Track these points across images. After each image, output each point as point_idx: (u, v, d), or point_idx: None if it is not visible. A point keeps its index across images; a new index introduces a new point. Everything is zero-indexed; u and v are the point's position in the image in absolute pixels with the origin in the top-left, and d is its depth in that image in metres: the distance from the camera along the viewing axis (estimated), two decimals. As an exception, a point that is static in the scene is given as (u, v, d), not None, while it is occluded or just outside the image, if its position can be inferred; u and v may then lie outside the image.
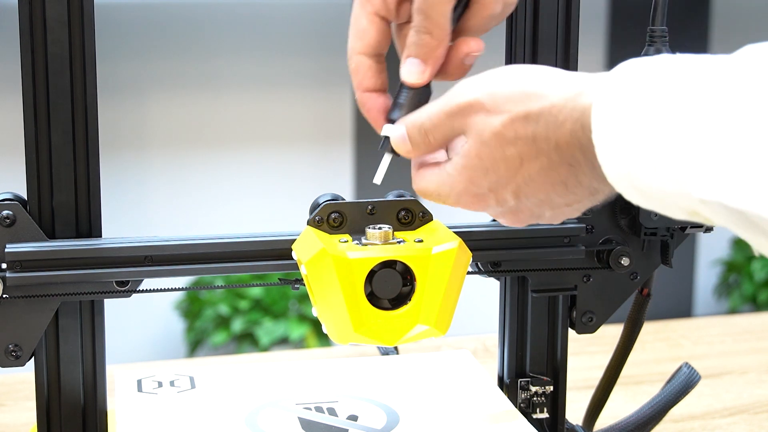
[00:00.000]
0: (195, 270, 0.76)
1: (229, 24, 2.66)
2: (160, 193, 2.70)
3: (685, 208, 0.55)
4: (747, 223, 0.52)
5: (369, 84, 0.71)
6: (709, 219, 0.55)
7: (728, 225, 0.54)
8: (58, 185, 0.75)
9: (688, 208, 0.55)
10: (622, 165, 0.56)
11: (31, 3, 0.73)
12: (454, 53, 0.70)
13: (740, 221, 0.53)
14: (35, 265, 0.74)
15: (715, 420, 1.03)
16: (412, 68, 0.69)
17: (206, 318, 2.57)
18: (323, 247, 0.69)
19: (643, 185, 0.56)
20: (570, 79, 0.61)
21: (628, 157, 0.56)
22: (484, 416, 0.80)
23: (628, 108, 0.56)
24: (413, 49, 0.68)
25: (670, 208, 0.57)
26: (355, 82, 0.71)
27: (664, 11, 0.78)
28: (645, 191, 0.56)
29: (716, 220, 0.55)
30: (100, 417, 0.78)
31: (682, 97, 0.54)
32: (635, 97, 0.56)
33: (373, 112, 0.71)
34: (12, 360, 0.75)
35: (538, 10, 0.79)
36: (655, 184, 0.55)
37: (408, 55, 0.69)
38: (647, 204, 0.57)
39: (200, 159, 2.71)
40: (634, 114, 0.55)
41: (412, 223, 0.75)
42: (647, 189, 0.56)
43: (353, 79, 0.71)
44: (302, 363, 0.91)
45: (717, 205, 0.53)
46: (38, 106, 0.74)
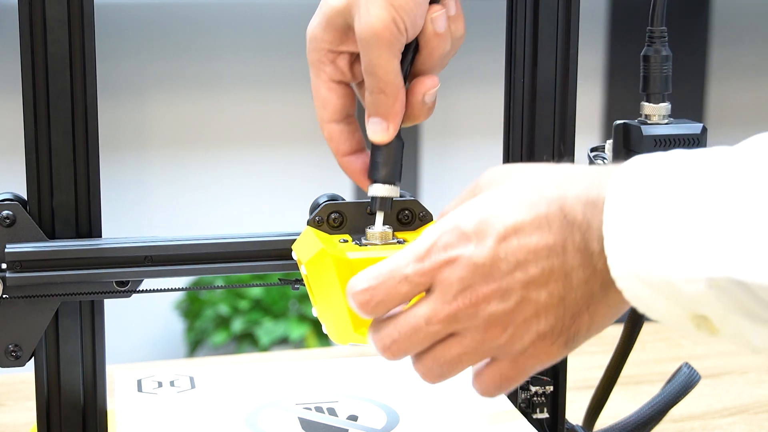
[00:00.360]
0: (195, 270, 0.76)
1: (230, 24, 2.66)
2: (159, 193, 2.70)
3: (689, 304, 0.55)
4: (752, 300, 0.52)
5: (346, 148, 0.73)
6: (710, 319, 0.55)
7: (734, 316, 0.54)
8: (58, 185, 0.75)
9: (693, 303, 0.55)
10: (630, 254, 0.56)
11: (31, 3, 0.73)
12: (412, 97, 0.71)
13: (746, 302, 0.53)
14: (35, 266, 0.74)
15: (715, 420, 1.03)
16: (375, 128, 0.70)
17: (206, 318, 2.56)
18: (323, 247, 0.69)
19: (650, 274, 0.55)
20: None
21: (637, 245, 0.55)
22: (484, 416, 0.80)
23: (640, 199, 0.56)
24: (372, 109, 0.70)
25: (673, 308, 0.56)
26: (332, 149, 0.73)
27: (663, 11, 0.78)
28: (650, 281, 0.55)
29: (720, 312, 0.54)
30: (100, 417, 0.78)
31: (693, 187, 0.54)
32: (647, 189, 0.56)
33: (357, 174, 0.73)
34: (12, 360, 0.75)
35: (538, 10, 0.79)
36: (661, 272, 0.54)
37: (369, 115, 0.70)
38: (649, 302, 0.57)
39: (200, 159, 2.71)
40: (646, 204, 0.55)
41: (412, 223, 0.75)
42: (653, 278, 0.55)
43: (330, 146, 0.73)
44: (302, 363, 0.91)
45: (725, 282, 0.52)
46: (38, 106, 0.74)
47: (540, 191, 0.60)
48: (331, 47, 0.72)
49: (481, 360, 0.62)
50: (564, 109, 0.81)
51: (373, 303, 0.61)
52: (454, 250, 0.60)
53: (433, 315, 0.60)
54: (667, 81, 0.80)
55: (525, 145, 0.81)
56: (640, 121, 0.80)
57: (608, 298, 0.59)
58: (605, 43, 2.78)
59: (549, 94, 0.80)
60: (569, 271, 0.59)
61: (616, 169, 0.57)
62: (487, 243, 0.59)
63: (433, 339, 0.61)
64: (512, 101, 0.81)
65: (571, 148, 0.82)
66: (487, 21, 2.68)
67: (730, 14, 2.91)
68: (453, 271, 0.60)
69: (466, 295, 0.59)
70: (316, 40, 0.72)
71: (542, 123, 0.81)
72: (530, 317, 0.60)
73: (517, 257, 0.59)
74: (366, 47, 0.69)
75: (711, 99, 2.90)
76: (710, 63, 2.88)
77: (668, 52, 0.79)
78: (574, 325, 0.60)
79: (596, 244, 0.58)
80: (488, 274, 0.59)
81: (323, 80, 0.72)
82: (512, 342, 0.60)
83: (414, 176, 2.66)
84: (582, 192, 0.58)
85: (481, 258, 0.59)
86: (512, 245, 0.59)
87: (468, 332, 0.60)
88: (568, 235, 0.58)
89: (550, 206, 0.59)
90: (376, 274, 0.61)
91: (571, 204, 0.58)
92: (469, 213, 0.61)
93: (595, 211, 0.57)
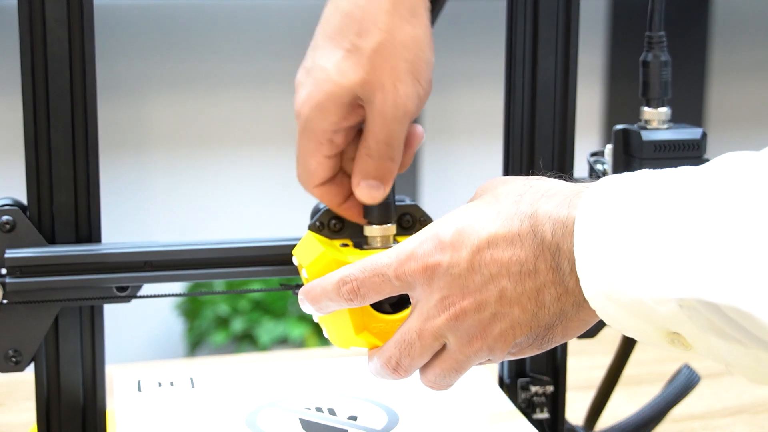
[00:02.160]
0: (195, 275, 0.77)
1: (230, 24, 2.66)
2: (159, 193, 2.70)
3: (662, 323, 0.55)
4: (722, 321, 0.53)
5: (340, 200, 0.72)
6: (683, 336, 0.56)
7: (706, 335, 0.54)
8: (58, 186, 0.75)
9: (665, 322, 0.55)
10: (601, 275, 0.56)
11: (31, 3, 0.73)
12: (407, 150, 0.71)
13: (717, 322, 0.53)
14: (35, 271, 0.74)
15: (716, 420, 1.03)
16: (373, 192, 0.70)
17: (206, 318, 2.56)
18: (324, 251, 0.69)
19: (622, 295, 0.56)
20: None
21: (608, 266, 0.56)
22: (484, 416, 0.80)
23: (609, 220, 0.56)
24: (372, 173, 0.69)
25: (646, 326, 0.56)
26: (327, 203, 0.72)
27: (661, 17, 0.78)
28: (623, 302, 0.56)
29: (692, 331, 0.55)
30: (99, 417, 0.78)
31: (661, 208, 0.55)
32: (615, 210, 0.56)
33: (357, 216, 0.73)
34: (12, 365, 0.75)
35: (538, 10, 0.79)
36: (633, 293, 0.55)
37: (366, 177, 0.69)
38: (622, 321, 0.57)
39: (200, 159, 2.71)
40: (615, 225, 0.56)
41: (413, 227, 0.75)
42: (625, 299, 0.56)
43: (323, 202, 0.72)
44: (302, 363, 0.91)
45: (695, 303, 0.53)
46: (38, 106, 0.74)
47: (517, 205, 0.62)
48: (334, 127, 0.69)
49: (475, 364, 0.65)
50: (564, 110, 0.81)
51: (359, 291, 0.65)
52: (432, 258, 0.62)
53: (422, 329, 0.64)
54: (667, 86, 0.80)
55: (525, 145, 0.81)
56: (640, 126, 0.80)
57: (581, 314, 0.61)
58: (605, 44, 2.78)
59: (549, 94, 0.81)
60: (540, 288, 0.61)
61: (587, 190, 0.59)
62: (463, 254, 0.62)
63: (431, 351, 0.65)
64: (512, 101, 0.81)
65: (571, 148, 0.82)
66: (487, 21, 2.68)
67: (730, 14, 2.91)
68: (432, 279, 0.63)
69: (446, 307, 0.62)
70: (315, 120, 0.68)
71: (542, 123, 0.81)
72: (506, 330, 0.62)
73: (491, 270, 0.61)
74: (391, 124, 0.67)
75: (711, 100, 2.90)
76: (710, 64, 2.88)
77: (667, 57, 0.79)
78: (549, 334, 0.63)
79: (567, 265, 0.59)
80: (464, 286, 0.62)
81: (316, 157, 0.69)
82: (493, 351, 0.63)
83: (414, 176, 2.66)
84: (553, 210, 0.60)
85: (458, 269, 0.62)
86: (486, 258, 0.61)
87: (454, 345, 0.64)
88: (539, 254, 0.60)
89: (523, 222, 0.61)
90: (361, 267, 0.65)
91: (541, 221, 0.60)
92: (449, 223, 0.63)
93: (565, 231, 0.59)
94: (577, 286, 0.59)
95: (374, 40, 0.66)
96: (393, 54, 0.66)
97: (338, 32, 0.67)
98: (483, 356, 0.64)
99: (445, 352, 0.64)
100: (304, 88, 0.68)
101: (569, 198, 0.59)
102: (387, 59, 0.66)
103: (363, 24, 0.66)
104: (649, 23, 0.79)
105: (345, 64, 0.67)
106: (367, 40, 0.66)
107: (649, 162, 0.79)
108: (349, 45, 0.66)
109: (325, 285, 0.66)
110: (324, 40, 0.68)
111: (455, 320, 0.62)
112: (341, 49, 0.67)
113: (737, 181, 0.53)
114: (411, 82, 0.67)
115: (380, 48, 0.66)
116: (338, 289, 0.65)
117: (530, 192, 0.62)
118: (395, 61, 0.66)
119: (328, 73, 0.67)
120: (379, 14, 0.66)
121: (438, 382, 0.66)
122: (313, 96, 0.68)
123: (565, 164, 0.82)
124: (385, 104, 0.67)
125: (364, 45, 0.66)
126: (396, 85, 0.66)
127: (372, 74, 0.66)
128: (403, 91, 0.66)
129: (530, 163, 0.81)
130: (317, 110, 0.68)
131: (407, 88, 0.67)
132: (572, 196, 0.59)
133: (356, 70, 0.66)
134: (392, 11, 0.66)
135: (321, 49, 0.68)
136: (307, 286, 0.68)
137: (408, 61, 0.66)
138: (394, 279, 0.64)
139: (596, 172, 0.82)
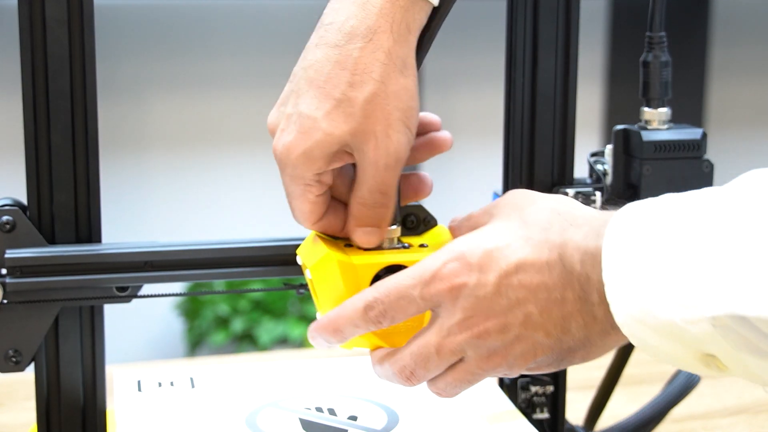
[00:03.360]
0: (195, 276, 0.76)
1: (230, 24, 2.66)
2: (159, 193, 2.70)
3: (695, 344, 0.56)
4: (757, 336, 0.53)
5: (341, 225, 0.71)
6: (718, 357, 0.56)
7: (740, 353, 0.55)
8: (58, 186, 0.75)
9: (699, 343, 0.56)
10: (632, 300, 0.57)
11: (31, 3, 0.73)
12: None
13: (751, 337, 0.53)
14: (35, 271, 0.74)
15: (716, 420, 1.03)
16: (369, 237, 0.70)
17: (206, 318, 2.56)
18: (328, 251, 0.69)
19: (653, 319, 0.56)
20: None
21: (638, 290, 0.57)
22: (484, 416, 0.80)
23: (636, 245, 0.57)
24: (367, 221, 0.69)
25: (680, 349, 0.57)
26: (330, 233, 0.71)
27: (661, 18, 0.78)
28: (655, 325, 0.56)
29: (727, 350, 0.55)
30: (99, 417, 0.78)
31: (687, 228, 0.56)
32: (641, 234, 0.57)
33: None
34: (12, 365, 0.75)
35: (538, 10, 0.79)
36: (665, 315, 0.56)
37: (362, 225, 0.69)
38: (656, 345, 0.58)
39: (200, 159, 2.71)
40: (642, 249, 0.57)
41: (416, 228, 0.75)
42: (656, 322, 0.56)
43: (326, 233, 0.71)
44: (302, 363, 0.91)
45: (728, 320, 0.53)
46: (38, 106, 0.74)
47: (546, 232, 0.62)
48: (320, 171, 0.68)
49: (488, 377, 0.66)
50: (564, 110, 0.81)
51: (386, 315, 0.65)
52: (458, 279, 0.63)
53: (441, 345, 0.64)
54: (667, 86, 0.80)
55: (525, 145, 0.81)
56: (640, 127, 0.80)
57: (606, 341, 0.62)
58: (605, 44, 2.78)
59: (549, 94, 0.80)
60: (567, 316, 0.62)
61: (613, 218, 0.59)
62: (490, 277, 0.62)
63: (447, 365, 0.65)
64: (512, 101, 0.81)
65: (571, 148, 0.82)
66: (487, 21, 2.68)
67: (730, 14, 2.91)
68: (456, 299, 0.63)
69: (469, 326, 0.63)
70: (302, 168, 0.67)
71: (542, 123, 0.81)
72: (528, 351, 0.63)
73: (518, 295, 0.62)
74: (384, 173, 0.67)
75: (711, 100, 2.90)
76: (710, 64, 2.88)
77: (667, 58, 0.79)
78: (569, 356, 0.64)
79: (596, 295, 0.60)
80: (489, 308, 0.62)
81: (308, 198, 0.69)
82: (512, 368, 0.64)
83: (414, 176, 2.66)
84: (581, 241, 0.61)
85: (483, 291, 0.62)
86: (513, 282, 0.62)
87: (472, 359, 0.64)
88: (567, 284, 0.61)
89: (552, 252, 0.62)
90: (385, 290, 0.65)
91: (570, 253, 0.61)
92: (475, 244, 0.64)
93: (594, 262, 0.60)
94: (606, 315, 0.59)
95: (368, 90, 0.65)
96: (386, 104, 0.66)
97: (328, 81, 0.66)
98: (500, 372, 0.65)
99: (462, 365, 0.65)
100: (287, 134, 0.67)
101: (596, 229, 0.60)
102: (380, 109, 0.66)
103: (356, 74, 0.65)
104: (650, 23, 0.79)
105: (335, 113, 0.66)
106: (360, 91, 0.65)
107: (649, 162, 0.79)
108: (340, 95, 0.65)
109: (349, 314, 0.66)
110: (309, 87, 0.66)
111: (477, 339, 0.63)
112: (332, 99, 0.66)
113: (761, 198, 0.54)
114: (403, 131, 0.66)
115: (373, 98, 0.65)
116: (365, 315, 0.65)
117: (558, 220, 0.63)
118: (388, 111, 0.66)
119: (316, 123, 0.66)
120: (374, 65, 0.65)
121: (447, 391, 0.66)
122: (299, 144, 0.66)
123: (566, 164, 0.82)
124: (377, 153, 0.66)
125: (356, 96, 0.65)
126: (389, 134, 0.66)
127: (364, 124, 0.65)
128: (396, 139, 0.66)
129: (530, 163, 0.81)
130: (304, 158, 0.67)
131: (400, 136, 0.66)
132: (599, 226, 0.60)
133: (348, 121, 0.65)
134: (387, 62, 0.66)
135: (306, 97, 0.66)
136: (323, 320, 0.67)
137: (400, 110, 0.66)
138: (419, 299, 0.64)
139: (596, 172, 0.82)
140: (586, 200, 0.80)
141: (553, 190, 0.81)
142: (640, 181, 0.79)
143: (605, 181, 0.82)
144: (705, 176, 0.80)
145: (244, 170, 2.71)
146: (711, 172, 0.80)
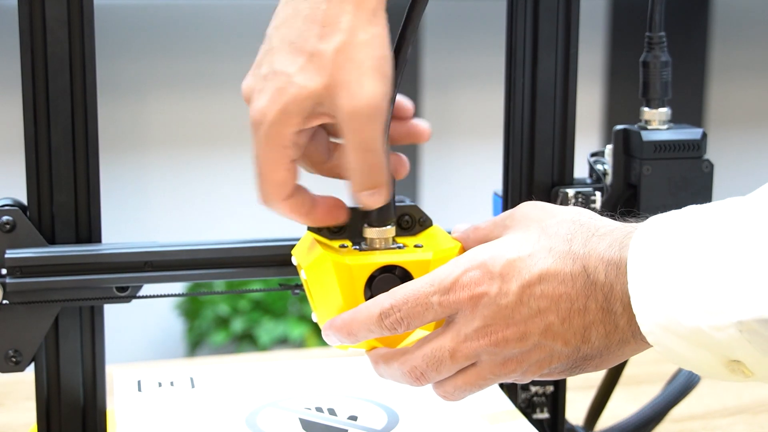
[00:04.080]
0: (195, 276, 0.77)
1: (230, 24, 2.66)
2: (159, 193, 2.70)
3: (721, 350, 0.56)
4: None
5: (307, 209, 0.69)
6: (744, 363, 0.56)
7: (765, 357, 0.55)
8: (58, 186, 0.75)
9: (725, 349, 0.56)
10: (657, 309, 0.57)
11: (31, 3, 0.73)
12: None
13: None
14: (35, 271, 0.74)
15: (715, 420, 1.03)
16: (374, 198, 0.67)
17: (206, 318, 2.56)
18: (323, 252, 0.69)
19: (679, 326, 0.57)
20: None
21: (664, 298, 0.57)
22: (484, 416, 0.80)
23: (661, 255, 0.58)
24: (367, 183, 0.67)
25: (706, 356, 0.57)
26: (296, 216, 0.69)
27: (661, 18, 0.79)
28: (681, 333, 0.57)
29: (754, 355, 0.55)
30: (99, 417, 0.78)
31: (712, 237, 0.56)
32: (666, 244, 0.58)
33: (327, 220, 0.71)
34: (12, 365, 0.75)
35: (538, 10, 0.79)
36: (691, 322, 0.56)
37: (363, 188, 0.67)
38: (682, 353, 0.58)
39: (200, 159, 2.71)
40: (668, 259, 0.57)
41: (412, 228, 0.75)
42: (682, 330, 0.57)
43: (293, 215, 0.69)
44: (302, 363, 0.91)
45: (755, 324, 0.54)
46: (38, 106, 0.74)
47: (569, 244, 0.63)
48: (298, 128, 0.66)
49: (499, 381, 0.66)
50: (564, 110, 0.81)
51: (403, 322, 0.65)
52: (479, 288, 0.63)
53: (456, 350, 0.64)
54: (667, 86, 0.80)
55: (525, 145, 0.81)
56: (640, 127, 0.80)
57: (624, 349, 0.63)
58: (605, 44, 2.78)
59: (549, 94, 0.81)
60: (588, 326, 0.62)
61: (637, 230, 0.60)
62: (512, 286, 0.62)
63: (459, 368, 0.65)
64: (512, 101, 0.81)
65: (571, 148, 0.82)
66: (487, 21, 2.68)
67: (730, 14, 2.91)
68: (476, 307, 0.63)
69: (487, 334, 0.63)
70: (281, 124, 0.65)
71: (542, 123, 0.81)
72: (544, 359, 0.63)
73: (539, 305, 0.62)
74: (361, 124, 0.64)
75: (711, 100, 2.90)
76: (710, 64, 2.88)
77: (667, 58, 0.79)
78: (584, 364, 0.64)
79: (619, 305, 0.60)
80: (509, 317, 0.63)
81: (283, 163, 0.66)
82: (525, 374, 0.65)
83: (414, 176, 2.66)
84: (605, 252, 0.61)
85: (505, 300, 0.62)
86: (536, 292, 0.62)
87: (486, 364, 0.64)
88: (590, 294, 0.61)
89: (575, 263, 0.62)
90: (402, 297, 0.65)
91: (594, 264, 0.61)
92: (496, 252, 0.64)
93: (618, 273, 0.60)
94: (628, 324, 0.60)
95: (337, 41, 0.64)
96: (356, 53, 0.64)
97: (299, 36, 0.65)
98: (513, 378, 0.65)
99: (473, 369, 0.65)
100: (263, 94, 0.66)
101: (620, 240, 0.61)
102: (350, 59, 0.64)
103: (325, 26, 0.64)
104: (649, 23, 0.79)
105: (308, 67, 0.64)
106: (329, 43, 0.64)
107: (649, 162, 0.79)
108: (312, 49, 0.64)
109: (365, 319, 0.65)
110: (282, 44, 0.65)
111: (495, 346, 0.63)
112: (304, 53, 0.64)
113: None
114: (377, 78, 0.64)
115: (343, 49, 0.64)
116: (381, 321, 0.65)
117: (581, 231, 0.63)
118: (359, 60, 0.64)
119: (291, 78, 0.64)
120: (342, 16, 0.64)
121: (454, 394, 0.66)
122: (276, 100, 0.65)
123: (566, 164, 0.82)
124: (352, 103, 0.64)
125: (326, 48, 0.64)
126: (362, 83, 0.64)
127: (336, 76, 0.64)
128: (370, 86, 0.64)
129: (530, 163, 0.81)
130: (282, 114, 0.65)
131: (374, 84, 0.64)
132: (623, 237, 0.61)
133: (321, 73, 0.64)
134: (355, 12, 0.64)
135: (279, 54, 0.65)
136: (337, 320, 0.67)
137: (372, 58, 0.64)
138: (437, 306, 0.64)
139: (596, 172, 0.82)
140: (586, 200, 0.80)
141: (553, 190, 0.81)
142: (640, 181, 0.79)
143: (605, 181, 0.82)
144: (705, 176, 0.80)
145: (244, 170, 2.71)
146: (711, 172, 0.80)
